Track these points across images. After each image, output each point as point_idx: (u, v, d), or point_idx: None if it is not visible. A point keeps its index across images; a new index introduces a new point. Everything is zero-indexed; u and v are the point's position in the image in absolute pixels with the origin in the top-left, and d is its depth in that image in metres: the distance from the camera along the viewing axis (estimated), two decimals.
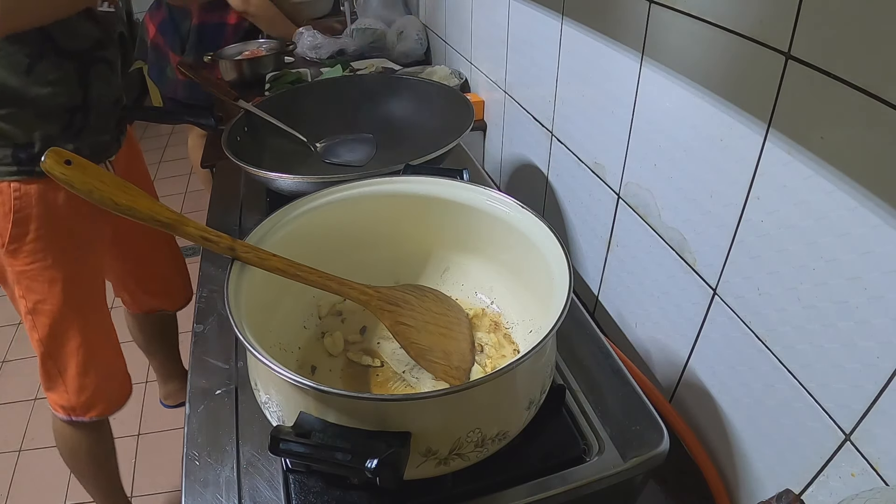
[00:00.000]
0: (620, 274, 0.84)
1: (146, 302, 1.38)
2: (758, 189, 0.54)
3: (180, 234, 0.51)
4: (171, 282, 1.39)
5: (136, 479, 1.54)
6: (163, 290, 1.38)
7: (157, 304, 1.40)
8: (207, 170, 1.69)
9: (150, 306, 1.40)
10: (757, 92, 0.52)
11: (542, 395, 0.52)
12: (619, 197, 0.80)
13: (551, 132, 0.97)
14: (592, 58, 0.80)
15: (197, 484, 0.54)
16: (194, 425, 0.59)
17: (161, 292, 1.38)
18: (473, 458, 0.48)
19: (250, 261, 0.52)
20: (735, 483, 0.64)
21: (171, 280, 1.39)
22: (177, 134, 3.33)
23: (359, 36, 1.74)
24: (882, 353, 0.44)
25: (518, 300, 0.65)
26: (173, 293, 1.40)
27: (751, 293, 0.57)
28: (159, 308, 1.41)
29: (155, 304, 1.40)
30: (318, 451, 0.41)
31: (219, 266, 0.81)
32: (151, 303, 1.39)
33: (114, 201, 0.48)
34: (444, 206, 0.65)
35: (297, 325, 0.64)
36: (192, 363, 0.67)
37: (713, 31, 0.56)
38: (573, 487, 0.52)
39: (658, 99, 0.67)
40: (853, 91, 0.42)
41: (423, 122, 1.03)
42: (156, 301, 1.39)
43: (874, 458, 0.46)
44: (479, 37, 1.28)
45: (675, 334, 0.71)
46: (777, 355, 0.55)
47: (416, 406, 0.45)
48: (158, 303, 1.39)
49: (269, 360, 0.43)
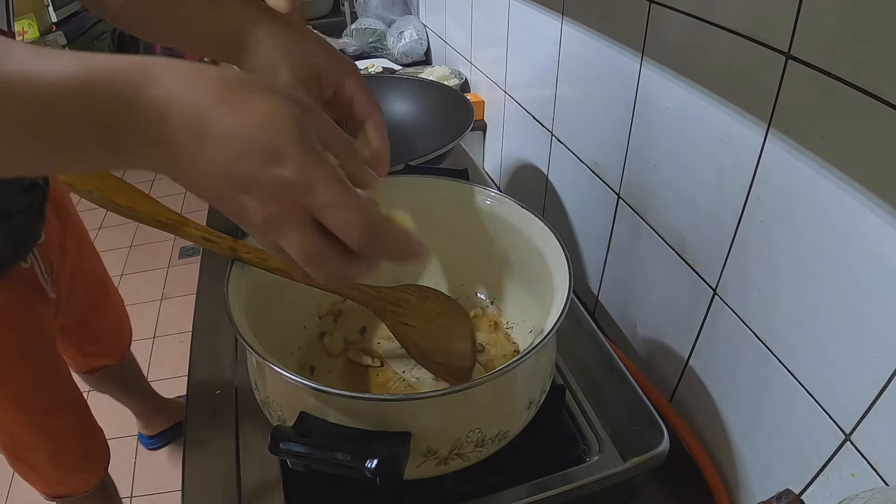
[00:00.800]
0: (620, 274, 0.84)
1: (86, 362, 1.27)
2: (758, 189, 0.54)
3: (182, 235, 0.50)
4: (110, 339, 1.28)
5: (136, 479, 1.54)
6: (101, 350, 1.27)
7: (99, 363, 1.29)
8: None
9: (91, 367, 1.28)
10: (757, 92, 0.52)
11: (542, 395, 0.52)
12: (619, 197, 0.80)
13: (551, 132, 0.97)
14: (592, 58, 0.80)
15: (197, 484, 0.54)
16: (194, 426, 0.59)
17: (106, 348, 1.28)
18: (473, 458, 0.48)
19: (251, 261, 0.52)
20: (735, 483, 0.64)
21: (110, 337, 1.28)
22: None
23: (359, 36, 1.74)
24: (882, 353, 0.44)
25: (518, 300, 0.65)
26: (112, 350, 1.30)
27: (751, 293, 0.57)
28: (102, 366, 1.30)
29: (95, 365, 1.29)
30: (318, 451, 0.41)
31: (219, 266, 0.81)
32: (92, 362, 1.28)
33: (114, 202, 0.47)
34: (444, 206, 0.65)
35: (297, 325, 0.64)
36: (192, 363, 0.67)
37: (713, 31, 0.56)
38: (573, 487, 0.52)
39: (658, 99, 0.67)
40: (853, 91, 0.42)
41: (423, 122, 1.03)
42: (97, 359, 1.28)
43: (874, 458, 0.46)
44: (479, 37, 1.28)
45: (675, 334, 0.71)
46: (777, 355, 0.55)
47: (416, 406, 0.45)
48: (100, 361, 1.29)
49: (269, 361, 0.43)
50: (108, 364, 1.30)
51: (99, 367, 1.29)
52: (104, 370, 1.30)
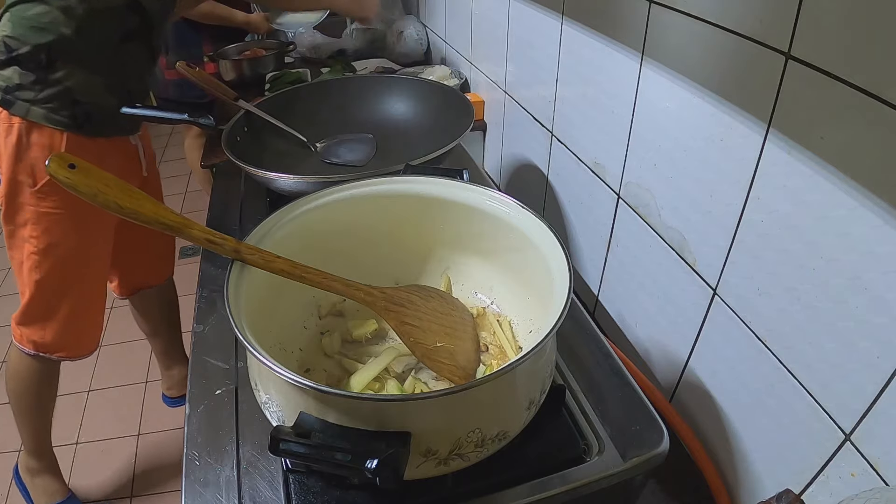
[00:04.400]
0: (620, 274, 0.84)
1: (132, 281, 1.43)
2: (758, 189, 0.54)
3: (185, 237, 0.51)
4: (161, 256, 1.45)
5: (136, 478, 1.54)
6: (154, 264, 1.44)
7: (143, 282, 1.45)
8: (206, 170, 1.68)
9: (135, 286, 1.44)
10: (757, 92, 0.52)
11: (542, 395, 0.52)
12: (619, 197, 0.80)
13: (551, 132, 0.97)
14: (592, 58, 0.80)
15: (197, 484, 0.54)
16: (194, 425, 0.59)
17: (150, 269, 1.44)
18: (473, 459, 0.47)
19: (255, 263, 0.52)
20: (735, 483, 0.64)
21: (162, 255, 1.45)
22: (177, 134, 3.33)
23: (359, 36, 1.74)
24: (882, 353, 0.44)
25: (518, 300, 0.65)
26: (162, 267, 1.47)
27: (751, 293, 0.57)
28: (144, 285, 1.45)
29: (141, 282, 1.44)
30: (318, 451, 0.41)
31: (219, 266, 0.81)
32: (137, 280, 1.43)
33: (118, 204, 0.48)
34: (444, 206, 0.65)
35: (298, 326, 0.64)
36: (192, 363, 0.67)
37: (713, 31, 0.56)
38: (573, 487, 0.52)
39: (658, 99, 0.67)
40: (853, 91, 0.42)
41: (423, 122, 1.03)
42: (142, 278, 1.44)
43: (874, 458, 0.46)
44: (479, 37, 1.28)
45: (675, 334, 0.71)
46: (777, 355, 0.55)
47: (416, 406, 0.45)
48: (144, 279, 1.44)
49: (269, 361, 0.43)
50: (151, 282, 1.45)
51: (142, 286, 1.44)
52: (149, 289, 1.46)
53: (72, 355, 1.20)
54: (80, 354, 1.21)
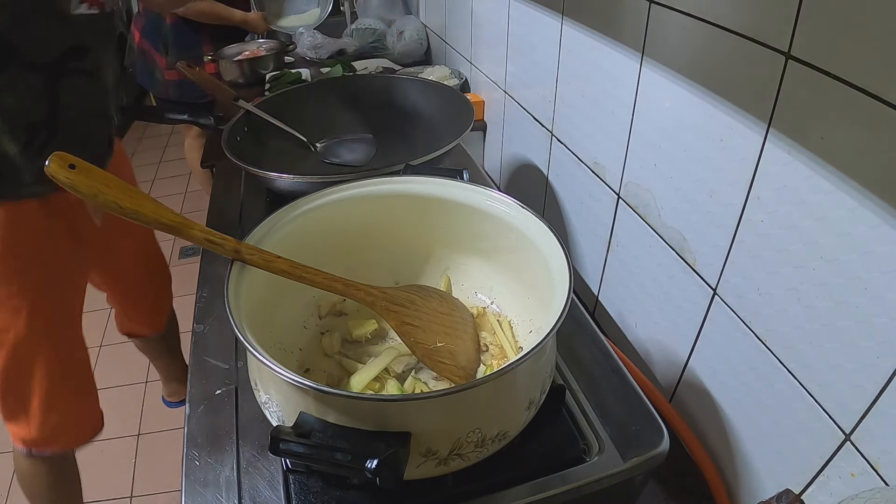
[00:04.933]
0: (620, 274, 0.84)
1: (127, 326, 1.38)
2: (758, 189, 0.54)
3: (185, 237, 0.50)
4: (153, 310, 1.37)
5: (136, 479, 1.54)
6: (145, 319, 1.37)
7: (137, 331, 1.40)
8: (206, 170, 1.68)
9: (131, 331, 1.40)
10: (757, 92, 0.52)
11: (542, 395, 0.52)
12: (619, 197, 0.80)
13: (551, 132, 0.97)
14: (592, 58, 0.80)
15: (197, 484, 0.54)
16: (194, 425, 0.59)
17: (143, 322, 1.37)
18: (473, 459, 0.48)
19: (256, 263, 0.52)
20: (735, 483, 0.64)
21: (153, 309, 1.37)
22: (176, 134, 3.33)
23: (359, 36, 1.74)
24: (882, 353, 0.44)
25: (518, 300, 0.65)
26: (155, 321, 1.39)
27: (751, 293, 0.57)
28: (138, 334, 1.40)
29: (135, 330, 1.39)
30: (318, 451, 0.41)
31: (219, 266, 0.81)
32: (132, 328, 1.38)
33: (118, 205, 0.48)
34: (444, 206, 0.65)
35: (298, 326, 0.64)
36: (192, 363, 0.67)
37: (713, 31, 0.56)
38: (573, 487, 0.52)
39: (658, 99, 0.67)
40: (853, 91, 0.42)
41: (423, 122, 1.03)
42: (136, 327, 1.38)
43: (874, 458, 0.46)
44: (479, 37, 1.28)
45: (675, 334, 0.71)
46: (777, 355, 0.55)
47: (416, 406, 0.45)
48: (138, 329, 1.39)
49: (270, 361, 0.43)
50: (145, 335, 1.42)
51: (136, 335, 1.41)
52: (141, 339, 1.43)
53: (66, 447, 1.08)
54: (80, 442, 1.09)
